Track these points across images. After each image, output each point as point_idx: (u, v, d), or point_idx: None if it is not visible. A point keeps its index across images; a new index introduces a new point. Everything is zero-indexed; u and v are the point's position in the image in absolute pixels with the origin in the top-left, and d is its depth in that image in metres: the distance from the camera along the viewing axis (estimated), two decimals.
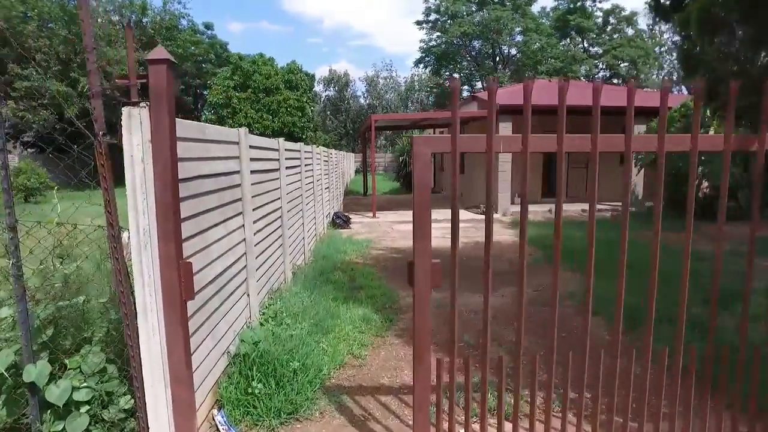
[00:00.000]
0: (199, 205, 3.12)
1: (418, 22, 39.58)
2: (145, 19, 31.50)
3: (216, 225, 3.47)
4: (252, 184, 4.50)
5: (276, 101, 31.30)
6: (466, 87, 42.18)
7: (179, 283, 2.34)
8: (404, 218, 14.09)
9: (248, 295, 4.33)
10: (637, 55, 33.27)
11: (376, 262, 8.51)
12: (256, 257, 4.59)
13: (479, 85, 39.92)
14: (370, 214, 14.59)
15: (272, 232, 5.47)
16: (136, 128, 2.31)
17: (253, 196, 4.54)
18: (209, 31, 39.94)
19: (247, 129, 4.51)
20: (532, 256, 8.91)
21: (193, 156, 3.05)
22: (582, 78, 33.22)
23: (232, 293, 3.83)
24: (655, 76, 38.94)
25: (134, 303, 2.44)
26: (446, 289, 2.48)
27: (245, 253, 4.28)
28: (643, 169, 14.74)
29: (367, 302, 5.97)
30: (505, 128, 14.21)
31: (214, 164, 3.48)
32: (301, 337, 4.12)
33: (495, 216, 14.25)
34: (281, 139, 6.02)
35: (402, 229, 12.29)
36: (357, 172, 37.88)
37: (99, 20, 26.41)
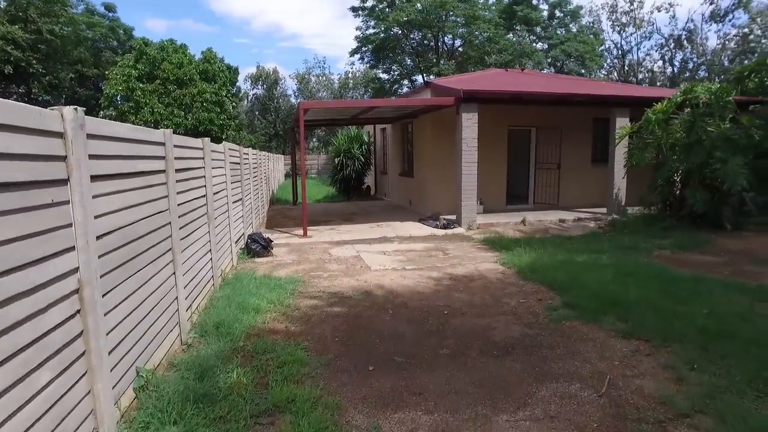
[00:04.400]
0: None
1: (354, 9, 35.94)
2: None
3: None
4: None
5: (189, 94, 26.76)
6: (405, 82, 39.36)
7: None
8: (344, 236, 10.78)
9: None
10: (585, 51, 32.02)
11: (307, 328, 5.20)
12: None
13: (420, 79, 37.13)
14: (300, 232, 11.16)
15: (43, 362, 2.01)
16: None
17: None
18: (110, 13, 34.24)
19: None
20: (543, 303, 5.94)
21: None
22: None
23: None
24: (594, 75, 38.13)
25: None
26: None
27: None
28: (626, 175, 12.59)
29: None
30: (470, 119, 11.32)
31: None
32: None
33: (458, 230, 11.28)
34: (120, 124, 2.53)
35: (342, 254, 8.96)
36: (287, 176, 34.23)
37: None
